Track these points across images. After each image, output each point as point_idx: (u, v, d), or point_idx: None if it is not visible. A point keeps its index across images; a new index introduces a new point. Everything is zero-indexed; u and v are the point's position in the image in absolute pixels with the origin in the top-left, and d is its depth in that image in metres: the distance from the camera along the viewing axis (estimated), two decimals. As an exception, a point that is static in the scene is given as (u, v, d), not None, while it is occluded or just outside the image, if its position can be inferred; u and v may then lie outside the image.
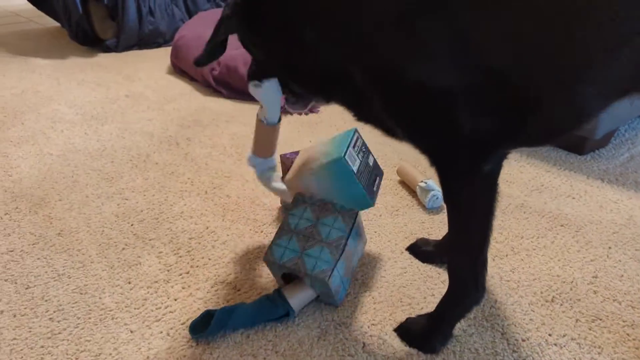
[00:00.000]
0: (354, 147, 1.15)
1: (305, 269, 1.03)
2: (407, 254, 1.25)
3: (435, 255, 1.23)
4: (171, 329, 1.04)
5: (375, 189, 1.18)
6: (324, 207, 1.13)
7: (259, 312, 1.03)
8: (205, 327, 1.01)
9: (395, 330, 1.03)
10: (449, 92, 0.78)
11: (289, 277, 1.10)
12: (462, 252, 0.94)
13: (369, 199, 1.13)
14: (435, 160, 0.87)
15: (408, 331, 1.02)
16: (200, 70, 2.44)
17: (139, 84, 2.55)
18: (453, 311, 0.98)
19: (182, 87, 2.50)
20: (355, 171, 1.11)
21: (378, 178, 1.21)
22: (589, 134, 1.61)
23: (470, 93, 0.77)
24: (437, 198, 1.42)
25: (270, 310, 1.03)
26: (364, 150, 1.19)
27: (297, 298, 1.05)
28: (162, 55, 3.05)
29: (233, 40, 3.03)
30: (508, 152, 0.91)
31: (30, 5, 3.92)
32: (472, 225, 0.91)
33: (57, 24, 3.86)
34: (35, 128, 2.00)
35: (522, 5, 0.70)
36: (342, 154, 1.10)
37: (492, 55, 0.74)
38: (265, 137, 1.17)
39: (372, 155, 1.22)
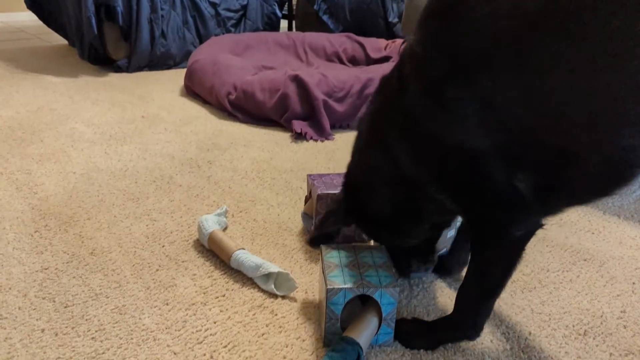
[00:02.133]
0: None
1: (372, 285, 1.03)
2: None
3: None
4: (214, 351, 1.05)
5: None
6: (353, 247, 1.17)
7: None
8: None
9: None
10: (481, 152, 0.83)
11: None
12: (473, 298, 1.02)
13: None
14: (471, 220, 0.98)
15: (398, 327, 1.08)
16: (216, 94, 2.48)
17: (153, 105, 2.57)
18: (447, 335, 1.06)
19: (196, 110, 2.53)
20: None
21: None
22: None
23: (502, 152, 0.82)
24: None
25: None
26: None
27: (364, 336, 1.01)
28: (173, 77, 3.09)
29: (249, 66, 3.05)
30: (542, 220, 0.93)
31: (34, 22, 3.95)
32: (490, 280, 0.99)
33: (64, 42, 3.89)
34: (55, 146, 2.01)
35: (545, 64, 0.74)
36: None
37: (517, 114, 0.78)
38: None
39: None
